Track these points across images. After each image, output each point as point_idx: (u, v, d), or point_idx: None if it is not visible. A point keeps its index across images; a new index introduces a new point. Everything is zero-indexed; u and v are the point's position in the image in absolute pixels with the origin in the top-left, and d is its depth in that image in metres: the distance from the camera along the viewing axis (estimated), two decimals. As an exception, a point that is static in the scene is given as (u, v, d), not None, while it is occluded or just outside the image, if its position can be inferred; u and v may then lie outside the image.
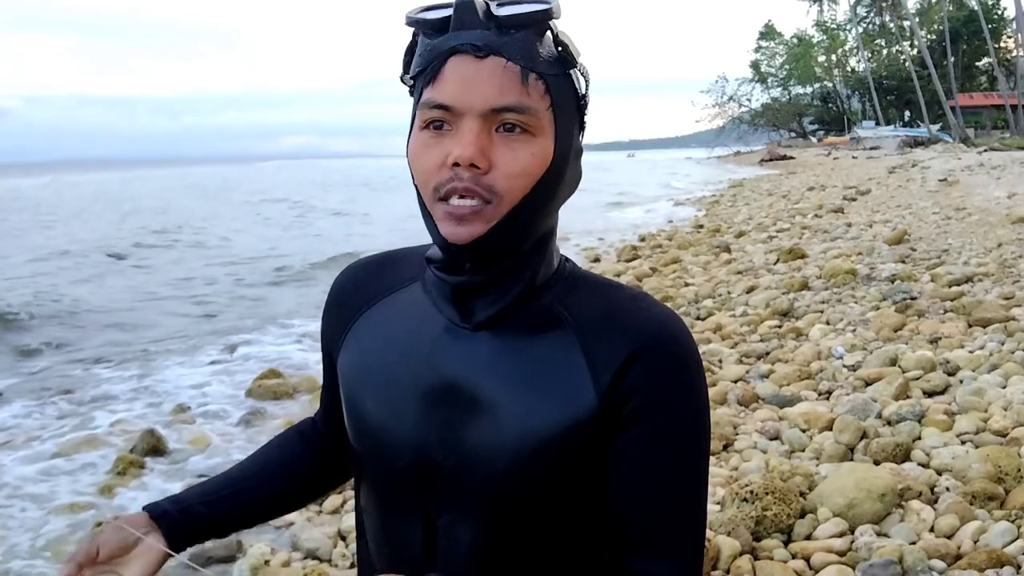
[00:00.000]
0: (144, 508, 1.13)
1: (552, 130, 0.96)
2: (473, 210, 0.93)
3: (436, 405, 1.02)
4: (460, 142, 0.92)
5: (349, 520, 4.41)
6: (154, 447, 5.81)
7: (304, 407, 6.90)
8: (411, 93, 1.00)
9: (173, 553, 1.10)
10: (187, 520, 1.14)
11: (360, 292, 1.14)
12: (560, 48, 0.96)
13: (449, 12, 0.94)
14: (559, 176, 0.98)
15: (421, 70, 0.96)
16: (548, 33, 0.96)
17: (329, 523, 4.48)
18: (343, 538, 4.29)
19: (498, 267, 0.99)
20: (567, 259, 1.08)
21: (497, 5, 0.94)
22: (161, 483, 5.39)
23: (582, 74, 0.99)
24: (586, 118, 1.02)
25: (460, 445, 1.00)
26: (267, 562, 4.05)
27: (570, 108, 0.98)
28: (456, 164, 0.93)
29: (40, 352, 9.78)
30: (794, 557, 3.58)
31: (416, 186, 0.99)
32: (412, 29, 0.98)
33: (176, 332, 10.88)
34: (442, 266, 1.01)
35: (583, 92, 1.00)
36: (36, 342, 10.26)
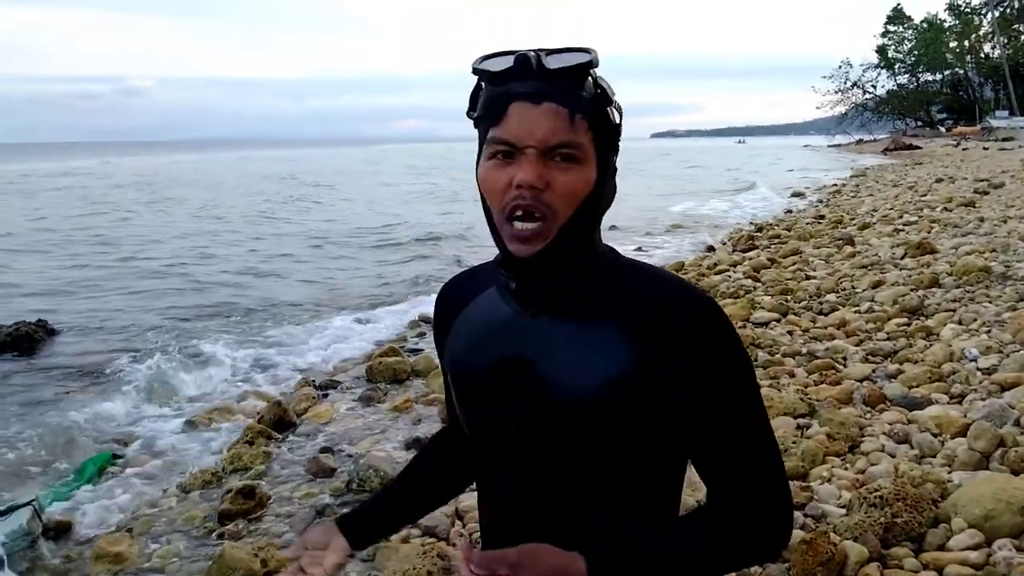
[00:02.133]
0: (335, 519, 1.50)
1: (594, 158, 1.19)
2: (534, 232, 1.17)
3: (507, 380, 1.25)
4: (523, 169, 1.15)
5: (466, 500, 4.48)
6: (280, 418, 6.02)
7: (418, 387, 7.04)
8: (475, 126, 1.23)
9: (354, 552, 1.49)
10: (363, 530, 1.49)
11: (451, 304, 1.41)
12: (599, 90, 1.19)
13: (508, 64, 1.17)
14: (600, 193, 1.21)
15: (486, 112, 1.19)
16: (589, 78, 1.19)
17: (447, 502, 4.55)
18: (460, 517, 4.37)
19: (557, 273, 1.22)
20: (611, 248, 1.29)
21: (547, 55, 1.16)
22: (286, 452, 5.60)
23: (616, 109, 1.22)
24: (620, 143, 1.25)
25: (529, 408, 1.24)
26: (388, 538, 4.14)
27: (608, 138, 1.21)
28: (520, 186, 1.15)
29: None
30: (926, 567, 3.44)
31: (485, 205, 1.22)
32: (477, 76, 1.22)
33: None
34: (510, 271, 1.25)
35: (617, 123, 1.22)
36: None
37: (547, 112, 1.15)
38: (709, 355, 1.17)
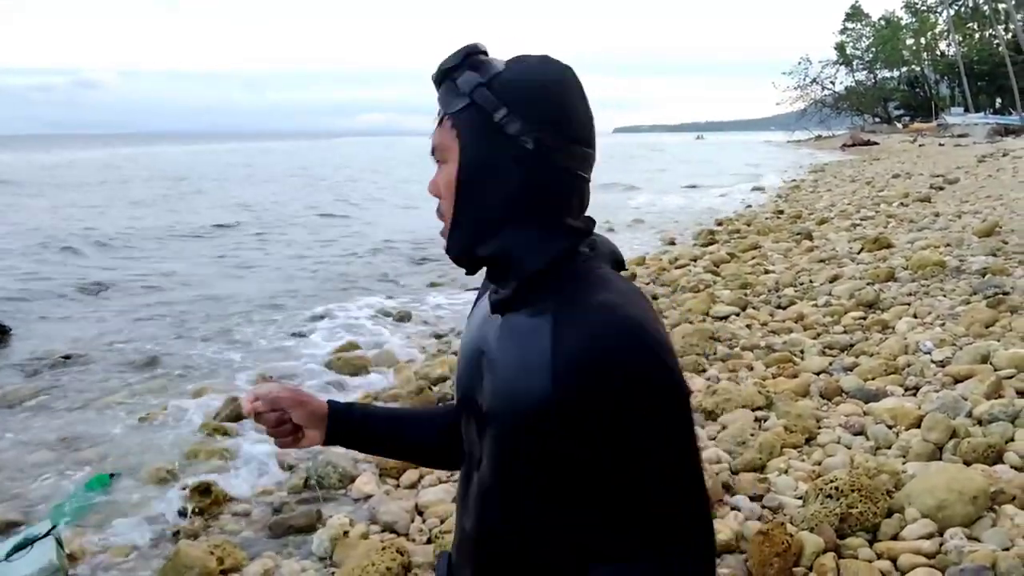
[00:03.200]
0: (328, 403, 1.48)
1: (456, 155, 1.21)
2: (441, 231, 1.26)
3: (474, 372, 1.27)
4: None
5: (426, 495, 4.46)
6: (238, 414, 5.95)
7: (375, 382, 7.00)
8: None
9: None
10: (347, 426, 1.48)
11: (480, 292, 1.41)
12: (471, 84, 1.20)
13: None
14: (472, 188, 1.20)
15: None
16: (463, 74, 1.20)
17: (407, 497, 4.54)
18: (420, 513, 4.35)
19: (493, 270, 1.25)
20: (585, 259, 1.22)
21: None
22: (243, 448, 5.53)
23: (493, 91, 1.18)
24: (526, 121, 1.18)
25: (483, 402, 1.24)
26: (346, 533, 4.12)
27: (478, 131, 1.19)
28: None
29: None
30: (880, 557, 3.50)
31: None
32: None
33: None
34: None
35: (491, 104, 1.18)
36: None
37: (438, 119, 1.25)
38: (632, 417, 1.09)
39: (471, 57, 1.22)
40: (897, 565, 3.43)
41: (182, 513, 4.52)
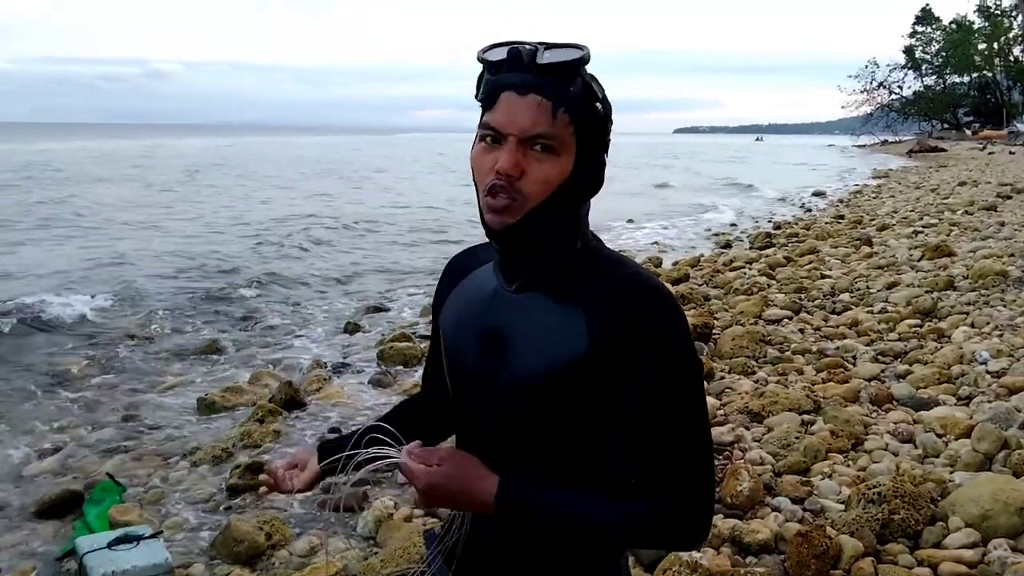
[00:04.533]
0: (318, 440, 1.55)
1: (573, 150, 1.25)
2: (505, 205, 1.24)
3: (488, 344, 1.34)
4: (504, 156, 1.24)
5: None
6: (291, 398, 6.10)
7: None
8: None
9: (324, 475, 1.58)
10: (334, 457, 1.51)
11: (456, 272, 1.50)
12: (586, 87, 1.26)
13: (503, 56, 1.26)
14: (575, 184, 1.27)
15: (484, 98, 1.28)
16: (578, 76, 1.25)
17: (451, 485, 4.61)
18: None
19: (529, 248, 1.29)
20: (597, 238, 1.35)
21: (544, 49, 1.24)
22: (295, 430, 5.68)
23: (602, 104, 1.28)
24: (610, 139, 1.31)
25: (503, 377, 1.32)
26: (390, 515, 4.21)
27: (591, 133, 1.27)
28: (498, 171, 1.24)
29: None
30: (920, 564, 3.48)
31: (474, 181, 1.30)
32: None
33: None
34: (493, 242, 1.32)
35: (604, 118, 1.28)
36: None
37: (531, 103, 1.23)
38: (660, 352, 1.23)
39: (584, 56, 1.26)
40: (937, 573, 3.41)
41: (231, 489, 4.66)
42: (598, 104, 1.27)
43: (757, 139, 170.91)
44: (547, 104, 1.23)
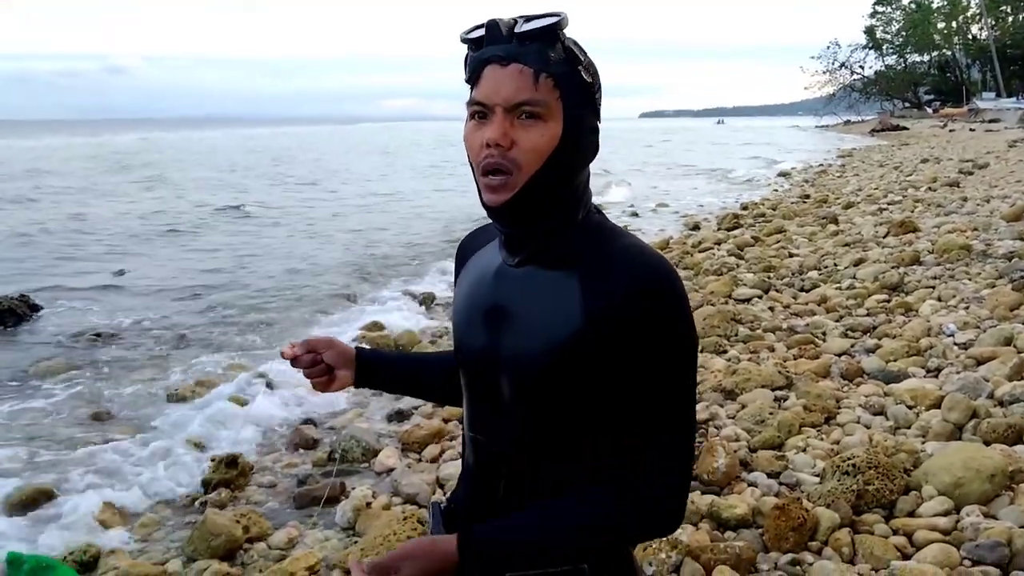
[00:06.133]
0: (356, 348, 1.58)
1: (561, 115, 1.25)
2: (501, 183, 1.25)
3: (491, 321, 1.34)
4: (491, 128, 1.24)
5: (447, 469, 4.54)
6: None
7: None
8: None
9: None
10: (373, 369, 1.58)
11: (466, 250, 1.52)
12: (567, 51, 1.25)
13: (483, 32, 1.27)
14: (569, 150, 1.26)
15: (468, 77, 1.29)
16: (559, 41, 1.25)
17: (428, 471, 4.62)
18: (441, 485, 4.42)
19: (529, 222, 1.29)
20: (598, 210, 1.35)
21: (524, 21, 1.25)
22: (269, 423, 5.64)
23: (587, 69, 1.27)
24: (599, 102, 1.30)
25: (505, 349, 1.32)
26: (368, 504, 4.20)
27: (579, 96, 1.26)
28: (488, 144, 1.24)
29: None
30: (895, 533, 3.52)
31: (469, 162, 1.30)
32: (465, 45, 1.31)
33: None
34: (493, 220, 1.33)
35: (588, 81, 1.27)
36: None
37: (512, 72, 1.23)
38: (656, 322, 1.21)
39: (561, 21, 1.26)
40: (912, 541, 3.45)
41: (207, 484, 4.62)
42: (580, 68, 1.26)
43: (718, 122, 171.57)
44: (528, 71, 1.23)
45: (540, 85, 1.23)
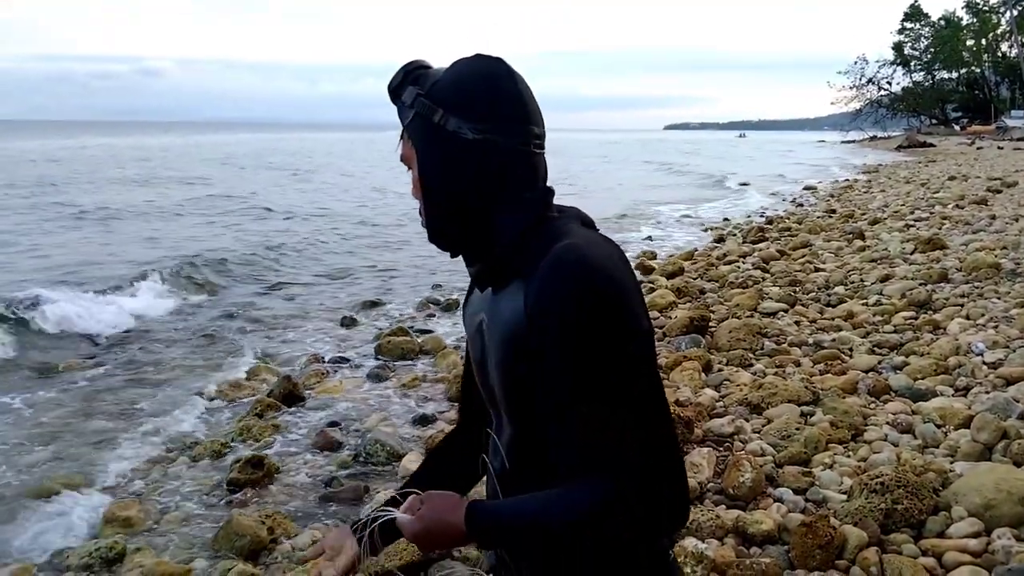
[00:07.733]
0: (350, 523, 1.52)
1: (415, 161, 1.35)
2: (422, 223, 1.38)
3: (480, 340, 1.40)
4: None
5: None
6: (290, 393, 6.08)
7: (425, 367, 7.10)
8: None
9: (369, 555, 1.48)
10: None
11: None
12: (416, 98, 1.33)
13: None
14: (434, 185, 1.33)
15: None
16: (409, 90, 1.34)
17: (452, 478, 4.61)
18: (465, 493, 4.41)
19: (470, 252, 1.37)
20: (553, 221, 1.33)
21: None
22: (294, 425, 5.66)
23: (428, 95, 1.32)
24: (464, 118, 1.30)
25: (489, 361, 1.36)
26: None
27: (426, 136, 1.32)
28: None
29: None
30: (924, 554, 3.48)
31: None
32: None
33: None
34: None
35: (435, 115, 1.31)
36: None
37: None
38: (543, 314, 1.22)
39: (411, 73, 1.35)
40: (942, 562, 3.41)
41: (233, 484, 4.64)
42: (422, 97, 1.33)
43: (740, 135, 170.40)
44: (401, 129, 1.37)
45: (404, 141, 1.37)
